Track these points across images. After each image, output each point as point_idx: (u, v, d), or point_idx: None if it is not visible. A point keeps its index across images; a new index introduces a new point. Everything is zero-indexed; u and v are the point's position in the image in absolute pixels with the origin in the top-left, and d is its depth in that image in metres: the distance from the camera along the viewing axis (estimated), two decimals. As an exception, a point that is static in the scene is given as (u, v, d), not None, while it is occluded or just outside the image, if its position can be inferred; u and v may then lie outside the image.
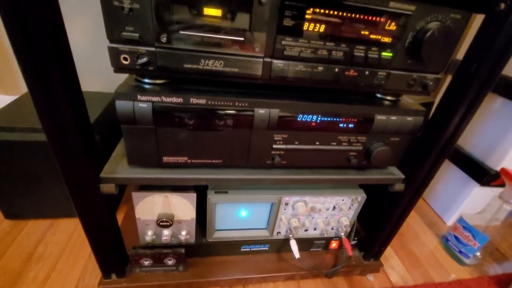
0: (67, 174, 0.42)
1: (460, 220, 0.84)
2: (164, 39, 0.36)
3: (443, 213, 1.00)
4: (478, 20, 0.44)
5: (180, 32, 0.36)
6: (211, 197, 0.56)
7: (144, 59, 0.37)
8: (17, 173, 0.69)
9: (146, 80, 0.43)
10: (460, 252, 0.83)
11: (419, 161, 0.55)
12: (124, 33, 0.35)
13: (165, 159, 0.46)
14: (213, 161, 0.48)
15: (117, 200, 0.86)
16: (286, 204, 0.61)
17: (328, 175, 0.54)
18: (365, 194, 0.63)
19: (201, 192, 0.57)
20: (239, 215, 0.62)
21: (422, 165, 0.54)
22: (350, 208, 0.65)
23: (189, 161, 0.47)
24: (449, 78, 0.50)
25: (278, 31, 0.38)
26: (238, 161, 0.49)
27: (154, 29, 0.35)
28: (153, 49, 0.37)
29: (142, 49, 0.36)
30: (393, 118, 0.49)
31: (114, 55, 0.36)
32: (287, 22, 0.37)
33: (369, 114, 0.48)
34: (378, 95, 0.52)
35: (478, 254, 0.83)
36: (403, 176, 0.57)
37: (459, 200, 0.94)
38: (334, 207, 0.64)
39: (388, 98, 0.52)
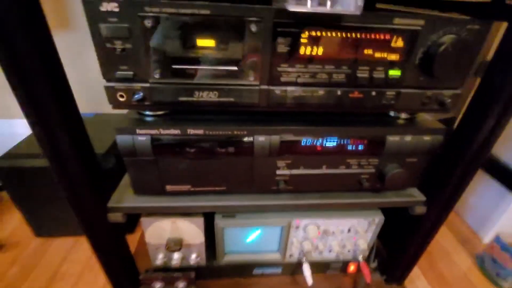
0: (73, 204, 0.43)
1: (497, 239, 0.76)
2: (157, 75, 0.36)
3: (479, 228, 0.91)
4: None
5: (173, 66, 0.36)
6: (219, 221, 0.55)
7: (139, 95, 0.37)
8: (44, 195, 0.73)
9: (147, 113, 0.43)
10: (498, 275, 0.74)
11: (441, 181, 0.50)
12: (119, 72, 0.35)
13: (169, 187, 0.46)
14: (216, 188, 0.47)
15: (132, 223, 0.88)
16: (297, 227, 0.58)
17: (339, 199, 0.50)
18: (382, 216, 0.59)
19: (209, 216, 0.56)
20: (249, 238, 0.61)
21: (445, 185, 0.49)
22: (367, 230, 0.60)
23: (192, 189, 0.47)
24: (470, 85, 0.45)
25: (273, 58, 0.36)
26: (242, 188, 0.48)
27: (147, 66, 0.35)
28: (147, 85, 0.37)
29: (137, 85, 0.37)
30: (408, 138, 0.45)
31: (111, 93, 0.37)
32: (282, 49, 0.35)
33: (379, 135, 0.44)
34: (391, 114, 0.48)
35: (521, 277, 0.74)
36: (424, 198, 0.52)
37: (496, 215, 0.85)
38: (349, 230, 0.60)
39: (402, 116, 0.48)
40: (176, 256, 0.59)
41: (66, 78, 0.37)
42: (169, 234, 0.56)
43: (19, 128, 0.99)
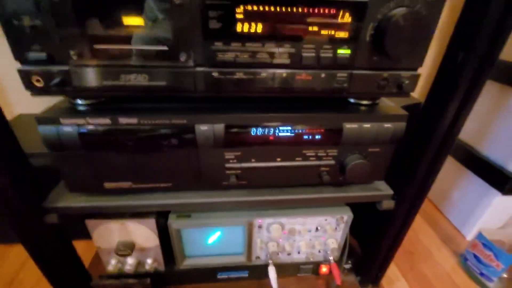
0: (3, 206, 0.39)
1: (480, 236, 0.72)
2: (75, 56, 0.32)
3: (462, 225, 0.88)
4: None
5: (94, 46, 0.32)
6: (173, 222, 0.51)
7: (57, 80, 0.33)
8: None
9: (79, 101, 0.39)
10: (482, 274, 0.71)
11: (409, 172, 0.46)
12: (32, 54, 0.31)
13: (107, 185, 0.42)
14: (161, 185, 0.43)
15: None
16: (260, 227, 0.54)
17: (299, 195, 0.47)
18: (351, 213, 0.55)
19: (163, 216, 0.52)
20: (211, 240, 0.56)
21: (412, 177, 0.46)
22: (336, 229, 0.57)
23: (134, 186, 0.42)
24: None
25: (205, 36, 0.32)
26: (190, 184, 0.44)
27: (64, 46, 0.32)
28: (66, 68, 0.33)
29: (55, 68, 0.33)
30: (367, 126, 0.41)
31: (25, 77, 0.33)
32: (214, 25, 0.32)
33: (336, 123, 0.41)
34: (351, 100, 0.45)
35: (505, 275, 0.71)
36: (391, 192, 0.48)
37: (478, 211, 0.81)
38: (317, 228, 0.56)
39: (363, 102, 0.44)
40: (130, 261, 0.54)
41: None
42: (119, 237, 0.52)
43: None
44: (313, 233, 0.57)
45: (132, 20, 0.32)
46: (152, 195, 0.44)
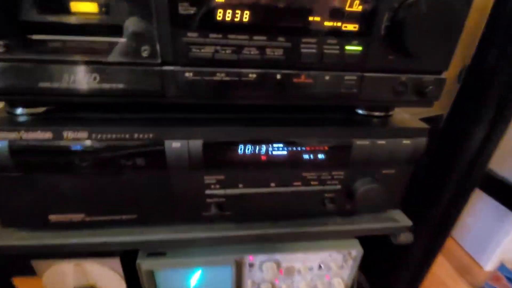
0: None
1: (502, 268, 0.63)
2: (2, 48, 0.24)
3: (479, 255, 0.79)
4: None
5: (28, 36, 0.24)
6: (143, 262, 0.41)
7: (-25, 79, 0.25)
8: None
9: (19, 110, 0.31)
10: (510, 315, 0.61)
11: (430, 200, 0.38)
12: None
13: (52, 217, 0.33)
14: (123, 217, 0.34)
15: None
16: (251, 265, 0.44)
17: (298, 227, 0.38)
18: (361, 248, 0.46)
19: (131, 254, 0.42)
20: (193, 282, 0.46)
21: (434, 205, 0.38)
22: (342, 266, 0.47)
23: (88, 219, 0.33)
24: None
25: (174, 24, 0.25)
26: (161, 216, 0.35)
27: (-15, 34, 0.24)
28: (-11, 63, 0.25)
29: (-27, 64, 0.25)
30: (381, 142, 0.33)
31: None
32: (186, 9, 0.24)
33: (343, 139, 0.33)
34: (360, 111, 0.37)
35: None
36: (409, 223, 0.40)
37: (496, 239, 0.73)
38: (320, 266, 0.47)
39: (375, 114, 0.37)
40: (89, 310, 0.44)
41: None
42: (75, 281, 0.41)
43: None
44: (316, 272, 0.47)
45: (80, 6, 0.24)
46: (112, 230, 0.35)
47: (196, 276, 0.45)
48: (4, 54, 0.24)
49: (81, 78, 0.25)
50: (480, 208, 0.76)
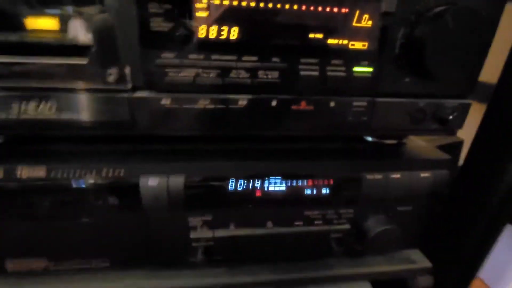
0: None
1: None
2: None
3: (495, 284, 0.72)
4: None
5: (-29, 58, 0.20)
6: (120, 309, 0.35)
7: None
8: None
9: (-29, 141, 0.26)
10: None
11: (454, 239, 0.33)
12: None
13: (10, 265, 0.28)
14: (93, 262, 0.29)
15: None
16: (246, 311, 0.39)
17: (299, 273, 0.32)
18: (372, 290, 0.40)
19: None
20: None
21: (462, 245, 0.32)
22: (351, 310, 0.41)
23: (52, 267, 0.28)
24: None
25: (145, 42, 0.21)
26: (139, 261, 0.30)
27: None
28: None
29: None
30: (395, 176, 0.28)
31: None
32: (158, 25, 0.20)
33: (351, 172, 0.28)
34: (369, 138, 0.32)
35: None
36: (429, 264, 0.34)
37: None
38: (325, 310, 0.41)
39: (387, 142, 0.32)
40: None
41: None
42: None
43: None
44: (320, 317, 0.41)
45: (37, 22, 0.20)
46: (82, 277, 0.30)
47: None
48: None
49: (34, 108, 0.21)
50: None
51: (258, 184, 0.28)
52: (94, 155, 0.25)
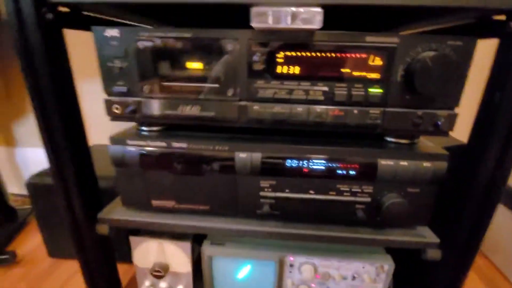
0: (65, 213, 0.45)
1: None
2: (147, 90, 0.40)
3: (510, 272, 0.72)
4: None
5: (161, 83, 0.40)
6: (206, 248, 0.53)
7: (131, 108, 0.41)
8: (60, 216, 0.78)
9: (143, 128, 0.47)
10: None
11: (454, 218, 0.43)
12: (116, 87, 0.41)
13: (154, 202, 0.47)
14: (200, 207, 0.46)
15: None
16: (291, 265, 0.53)
17: (333, 232, 0.45)
18: (392, 262, 0.50)
19: (199, 243, 0.54)
20: (241, 275, 0.56)
21: (458, 226, 0.42)
22: (375, 280, 0.52)
23: (177, 206, 0.47)
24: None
25: (249, 75, 0.38)
26: (227, 209, 0.46)
27: (139, 82, 0.40)
28: (138, 99, 0.41)
29: (130, 99, 0.41)
30: (403, 163, 0.41)
31: (109, 106, 0.42)
32: (257, 66, 0.38)
33: (370, 158, 0.41)
34: (388, 139, 0.45)
35: None
36: (437, 240, 0.44)
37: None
38: (353, 277, 0.52)
39: (401, 141, 0.45)
40: (163, 285, 0.56)
41: (79, 114, 0.44)
42: (156, 258, 0.55)
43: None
44: (349, 282, 0.53)
45: (192, 64, 0.39)
46: (191, 217, 0.47)
47: (245, 269, 0.55)
48: (147, 94, 0.40)
49: (189, 108, 0.40)
50: (507, 221, 0.72)
51: (305, 163, 0.43)
52: (212, 138, 0.43)
